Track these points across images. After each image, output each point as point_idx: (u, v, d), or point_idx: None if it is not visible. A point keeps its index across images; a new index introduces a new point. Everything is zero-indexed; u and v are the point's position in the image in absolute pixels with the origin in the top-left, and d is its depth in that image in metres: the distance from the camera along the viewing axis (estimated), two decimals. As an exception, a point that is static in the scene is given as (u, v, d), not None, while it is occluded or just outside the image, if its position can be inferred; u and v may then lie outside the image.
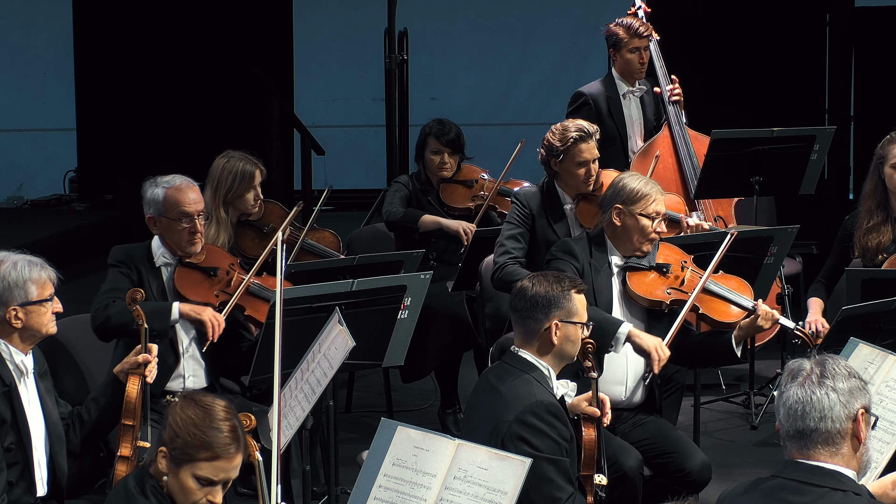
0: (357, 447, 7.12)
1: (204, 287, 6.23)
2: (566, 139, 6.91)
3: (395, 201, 7.92)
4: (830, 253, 7.28)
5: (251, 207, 7.06)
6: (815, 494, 3.83)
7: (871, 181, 7.05)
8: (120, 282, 6.12)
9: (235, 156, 7.06)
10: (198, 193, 6.28)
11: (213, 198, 6.95)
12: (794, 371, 3.95)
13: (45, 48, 12.93)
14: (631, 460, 5.79)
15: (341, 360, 5.24)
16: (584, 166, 6.93)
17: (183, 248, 6.21)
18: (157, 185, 6.25)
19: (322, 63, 13.11)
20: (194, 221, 6.19)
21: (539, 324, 5.24)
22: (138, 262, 6.20)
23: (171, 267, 6.23)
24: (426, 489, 4.58)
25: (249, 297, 6.29)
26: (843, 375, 3.90)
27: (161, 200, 6.20)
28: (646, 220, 6.17)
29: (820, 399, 3.86)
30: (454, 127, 7.97)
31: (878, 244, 6.92)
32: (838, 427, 3.86)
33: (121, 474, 5.24)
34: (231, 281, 6.28)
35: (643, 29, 8.07)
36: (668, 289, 6.19)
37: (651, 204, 6.17)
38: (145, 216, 6.27)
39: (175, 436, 4.17)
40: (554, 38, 12.98)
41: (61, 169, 12.71)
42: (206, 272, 6.26)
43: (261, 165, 7.09)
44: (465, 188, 7.95)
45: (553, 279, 5.31)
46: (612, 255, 6.22)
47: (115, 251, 6.25)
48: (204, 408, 4.20)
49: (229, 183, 6.98)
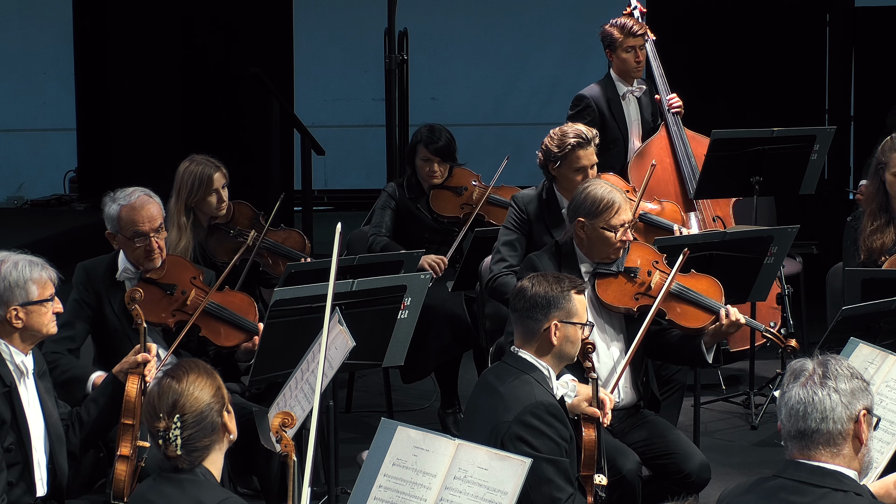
0: (357, 447, 7.13)
1: (161, 306, 6.17)
2: (564, 145, 6.88)
3: (383, 223, 7.84)
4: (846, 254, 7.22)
5: (215, 210, 7.07)
6: (816, 495, 3.83)
7: (871, 183, 7.05)
8: (74, 311, 6.04)
9: (197, 159, 7.08)
10: (156, 208, 6.21)
11: (177, 202, 6.98)
12: (797, 371, 3.94)
13: (45, 48, 12.92)
14: (629, 463, 5.78)
15: (341, 360, 5.24)
16: (581, 172, 6.89)
17: (141, 263, 6.19)
18: (115, 200, 6.22)
19: (322, 63, 13.10)
20: (150, 240, 6.14)
21: (538, 324, 5.24)
22: (98, 281, 6.16)
23: (133, 282, 6.19)
24: (426, 489, 4.58)
25: (206, 317, 6.20)
26: (845, 376, 3.90)
27: (115, 218, 6.18)
28: (608, 232, 6.09)
29: (822, 400, 3.86)
30: (444, 134, 7.88)
31: (881, 245, 6.94)
32: (840, 428, 3.86)
33: (121, 474, 5.24)
34: (188, 300, 6.21)
35: (637, 28, 8.10)
36: (636, 294, 6.12)
37: (613, 216, 6.07)
38: (105, 231, 6.25)
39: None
40: (554, 38, 12.96)
41: (61, 169, 12.70)
42: (164, 289, 6.21)
43: (222, 168, 7.08)
44: (455, 195, 7.89)
45: (553, 279, 5.30)
46: (582, 263, 6.16)
47: (78, 270, 6.21)
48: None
49: (189, 186, 7.01)
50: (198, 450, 4.18)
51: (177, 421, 4.13)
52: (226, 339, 6.18)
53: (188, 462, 4.17)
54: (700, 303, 6.15)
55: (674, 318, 6.14)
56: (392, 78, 9.67)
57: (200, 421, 4.16)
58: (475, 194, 7.86)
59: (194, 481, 4.16)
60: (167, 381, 4.21)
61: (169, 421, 4.14)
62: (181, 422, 4.14)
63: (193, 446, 4.17)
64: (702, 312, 6.15)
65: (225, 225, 7.13)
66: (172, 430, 4.13)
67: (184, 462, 4.17)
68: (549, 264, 6.14)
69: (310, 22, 12.87)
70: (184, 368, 4.27)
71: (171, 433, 4.13)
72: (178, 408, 4.15)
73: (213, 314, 6.21)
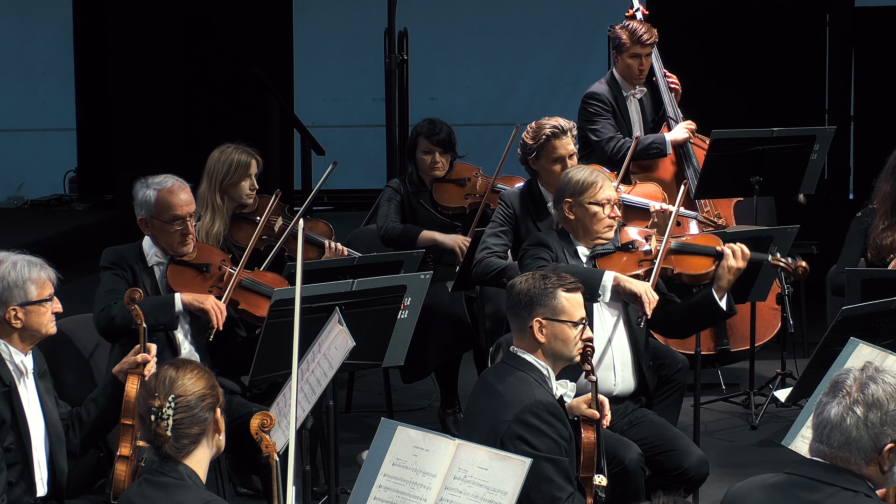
0: (357, 447, 7.13)
1: (197, 283, 6.27)
2: (539, 136, 6.98)
3: (390, 212, 7.86)
4: (847, 246, 7.23)
5: (246, 197, 7.06)
6: (826, 493, 3.83)
7: (886, 183, 7.06)
8: (116, 283, 6.14)
9: (232, 147, 7.10)
10: (189, 195, 6.31)
11: (209, 186, 6.97)
12: (838, 383, 3.88)
13: (45, 48, 12.93)
14: (631, 453, 5.81)
15: (341, 360, 5.24)
16: (559, 162, 6.97)
17: (175, 248, 6.25)
18: (149, 186, 6.27)
19: (322, 63, 13.11)
20: (186, 224, 6.22)
21: (524, 321, 5.26)
22: (131, 262, 6.23)
23: (164, 266, 6.26)
24: (426, 489, 4.58)
25: (243, 291, 6.34)
26: (880, 403, 3.81)
27: (153, 203, 6.23)
28: (596, 206, 6.24)
29: (849, 428, 3.81)
30: (445, 126, 7.91)
31: (891, 242, 6.97)
32: (862, 456, 3.83)
33: (121, 474, 5.24)
34: (224, 276, 6.34)
35: (647, 37, 8.03)
36: (639, 261, 6.30)
37: (599, 191, 6.25)
38: (137, 217, 6.29)
39: None
40: (554, 38, 12.97)
41: (61, 169, 12.71)
42: (198, 269, 6.31)
43: (257, 156, 7.10)
44: (458, 187, 7.91)
45: (539, 277, 5.32)
46: (578, 246, 6.32)
47: (107, 253, 6.27)
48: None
49: (224, 171, 7.00)
50: (187, 437, 4.24)
51: (171, 401, 4.24)
52: (265, 310, 6.20)
53: (175, 450, 4.24)
54: (701, 251, 6.30)
55: (681, 270, 6.29)
56: (392, 78, 9.67)
57: (193, 408, 4.25)
58: (479, 184, 7.88)
59: (179, 485, 4.22)
60: (166, 368, 4.33)
61: (164, 400, 4.24)
62: (175, 403, 4.24)
63: (183, 432, 4.24)
64: (705, 258, 6.29)
65: (250, 214, 7.13)
66: (166, 408, 4.23)
67: (171, 448, 4.24)
68: (556, 240, 6.29)
69: (310, 22, 12.88)
70: (183, 362, 4.41)
71: (165, 411, 4.22)
72: (173, 389, 4.25)
73: (249, 288, 6.34)
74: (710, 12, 10.87)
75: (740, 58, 10.82)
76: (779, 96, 10.77)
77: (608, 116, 8.00)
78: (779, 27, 10.82)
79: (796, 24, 10.83)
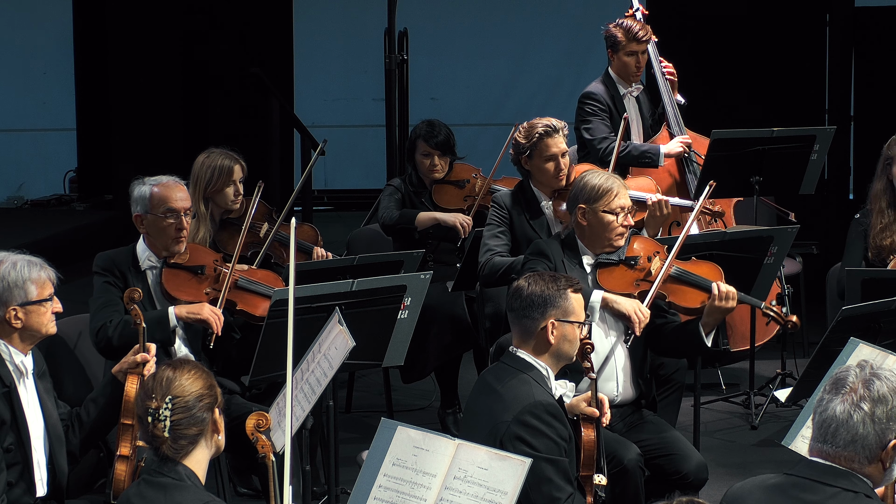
0: (357, 447, 7.12)
1: (193, 285, 6.26)
2: (532, 135, 6.99)
3: (391, 205, 7.89)
4: (848, 249, 7.22)
5: (231, 203, 7.07)
6: (826, 494, 3.82)
7: (879, 181, 7.06)
8: (110, 293, 6.14)
9: (216, 152, 7.10)
10: (185, 192, 6.35)
11: (194, 192, 6.98)
12: (840, 381, 3.87)
13: (45, 48, 12.93)
14: (630, 453, 5.80)
15: (341, 360, 5.24)
16: (552, 160, 6.98)
17: (168, 246, 6.24)
18: (145, 183, 6.33)
19: (322, 63, 13.11)
20: (180, 218, 6.23)
21: (535, 323, 5.24)
22: (123, 267, 6.22)
23: (157, 270, 6.25)
24: (426, 489, 4.58)
25: (240, 291, 6.33)
26: (884, 399, 3.81)
27: (148, 197, 6.26)
28: (610, 216, 6.18)
29: (855, 425, 3.80)
30: (444, 129, 7.91)
31: (891, 243, 6.96)
32: (867, 454, 3.82)
33: (121, 474, 5.24)
34: (219, 277, 6.33)
35: (642, 33, 8.03)
36: (636, 281, 6.22)
37: (613, 199, 6.18)
38: (132, 215, 6.29)
39: None
40: (554, 38, 12.97)
41: (61, 169, 12.71)
42: (192, 271, 6.30)
43: (241, 161, 7.10)
44: (457, 188, 7.92)
45: (549, 278, 5.31)
46: (584, 255, 6.25)
47: (99, 258, 6.27)
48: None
49: (208, 177, 7.01)
50: (185, 437, 4.24)
51: (168, 402, 4.23)
52: (263, 309, 6.22)
53: (173, 451, 4.24)
54: (698, 284, 6.22)
55: (673, 300, 6.22)
56: (392, 78, 9.67)
57: (191, 408, 4.25)
58: (478, 185, 7.89)
59: (178, 486, 4.22)
60: (164, 369, 4.32)
61: (161, 401, 4.24)
62: (172, 404, 4.23)
63: (181, 433, 4.24)
64: (699, 292, 6.22)
65: (237, 219, 7.13)
66: (163, 409, 4.23)
67: (169, 449, 4.24)
68: (556, 250, 6.23)
69: (310, 22, 12.88)
70: (181, 362, 4.39)
71: (162, 412, 4.22)
72: (171, 390, 4.25)
73: (245, 288, 6.33)
74: (709, 12, 10.87)
75: (740, 58, 10.81)
76: (779, 96, 10.77)
77: (603, 116, 7.99)
78: (779, 27, 10.82)
79: (796, 24, 10.83)
